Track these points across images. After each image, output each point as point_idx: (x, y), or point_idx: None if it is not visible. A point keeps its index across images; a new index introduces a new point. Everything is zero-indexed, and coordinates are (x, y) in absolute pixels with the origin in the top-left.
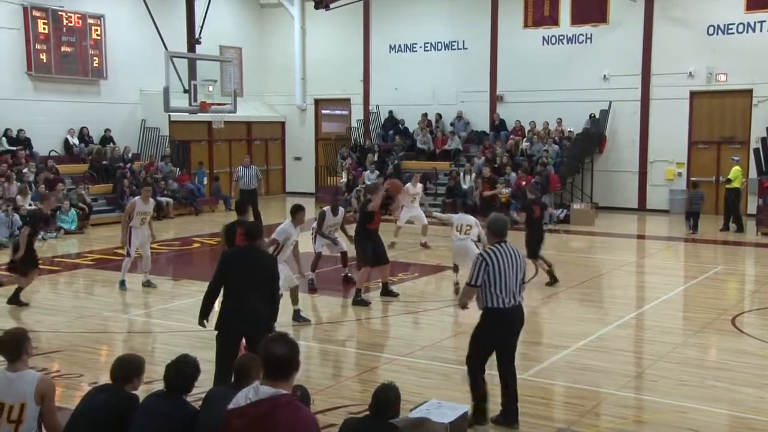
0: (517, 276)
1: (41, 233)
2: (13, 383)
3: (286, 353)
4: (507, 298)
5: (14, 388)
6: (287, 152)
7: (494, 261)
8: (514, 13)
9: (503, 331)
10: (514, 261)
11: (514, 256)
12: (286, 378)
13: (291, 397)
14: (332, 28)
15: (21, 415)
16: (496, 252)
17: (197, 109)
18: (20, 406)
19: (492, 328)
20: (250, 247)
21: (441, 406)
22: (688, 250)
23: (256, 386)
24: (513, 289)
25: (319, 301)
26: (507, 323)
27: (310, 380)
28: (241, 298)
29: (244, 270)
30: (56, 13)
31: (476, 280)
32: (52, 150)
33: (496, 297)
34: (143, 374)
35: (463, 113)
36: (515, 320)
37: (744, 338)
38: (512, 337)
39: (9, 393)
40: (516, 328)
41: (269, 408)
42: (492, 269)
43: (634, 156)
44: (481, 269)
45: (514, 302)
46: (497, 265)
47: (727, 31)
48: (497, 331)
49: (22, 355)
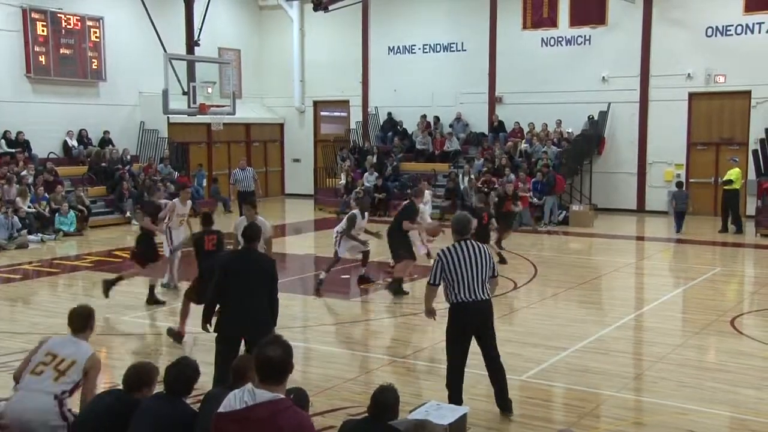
0: (479, 271)
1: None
2: (73, 345)
3: (280, 356)
4: (468, 293)
5: (71, 348)
6: (286, 154)
7: (451, 259)
8: (513, 15)
9: (467, 325)
10: (475, 257)
11: (475, 252)
12: (281, 381)
13: (289, 401)
14: (331, 29)
15: (67, 370)
16: (454, 250)
17: (196, 111)
18: (70, 363)
19: (457, 322)
20: (248, 249)
21: (440, 408)
22: (687, 252)
23: (251, 389)
24: (474, 284)
25: (319, 303)
26: (470, 317)
27: (309, 382)
28: (241, 301)
29: (242, 273)
30: (55, 15)
31: (434, 279)
32: (51, 152)
33: (457, 293)
34: (155, 384)
35: (462, 115)
36: (479, 314)
37: (743, 340)
38: (483, 331)
39: (66, 349)
40: (482, 321)
41: (269, 413)
42: (449, 267)
43: (633, 157)
44: (438, 268)
45: (477, 297)
46: (455, 263)
47: (725, 33)
48: (461, 326)
49: (87, 329)
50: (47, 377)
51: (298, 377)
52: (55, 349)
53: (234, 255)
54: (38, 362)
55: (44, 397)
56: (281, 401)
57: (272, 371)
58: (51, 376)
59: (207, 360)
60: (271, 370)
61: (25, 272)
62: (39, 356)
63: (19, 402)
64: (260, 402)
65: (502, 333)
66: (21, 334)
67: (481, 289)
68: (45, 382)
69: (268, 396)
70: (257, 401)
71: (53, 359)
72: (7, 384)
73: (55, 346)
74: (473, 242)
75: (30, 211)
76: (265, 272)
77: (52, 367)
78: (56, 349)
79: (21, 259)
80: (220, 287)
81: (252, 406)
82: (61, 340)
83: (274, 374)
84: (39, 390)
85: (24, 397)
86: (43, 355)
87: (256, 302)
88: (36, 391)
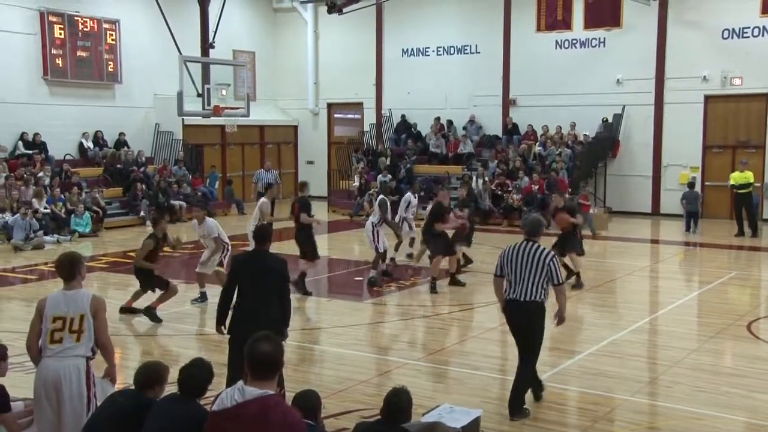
0: (530, 273)
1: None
2: (71, 298)
3: (269, 352)
4: (514, 291)
5: (72, 303)
6: (300, 156)
7: (509, 255)
8: (527, 17)
9: (510, 322)
10: (530, 259)
11: (532, 254)
12: (272, 377)
13: (277, 397)
14: (345, 32)
15: (81, 325)
16: (515, 248)
17: (210, 113)
18: (80, 317)
19: (507, 317)
20: (260, 250)
21: (453, 411)
22: (702, 255)
23: (241, 387)
24: (521, 285)
25: (331, 304)
26: (512, 315)
27: (322, 384)
28: (252, 302)
29: (254, 274)
30: (72, 18)
31: (497, 270)
32: (67, 154)
33: (508, 289)
34: (166, 383)
35: (475, 117)
36: (521, 313)
37: (760, 344)
38: (518, 330)
39: (69, 306)
40: (523, 321)
41: (260, 409)
42: (506, 262)
43: (648, 160)
44: (499, 262)
45: (521, 297)
46: (510, 260)
47: (742, 35)
48: (508, 321)
49: (76, 275)
50: (69, 342)
51: (312, 379)
52: (58, 311)
53: (245, 256)
54: (50, 330)
55: (75, 360)
56: (270, 397)
57: (262, 367)
58: (72, 339)
59: (221, 361)
60: (261, 367)
61: (41, 273)
62: (47, 324)
63: (50, 367)
64: (249, 399)
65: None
66: None
67: (528, 291)
68: (69, 347)
69: (257, 393)
70: (246, 398)
71: (63, 323)
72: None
73: (55, 308)
74: (537, 245)
75: (46, 212)
76: (276, 273)
77: (67, 331)
78: (58, 311)
79: (37, 259)
80: (232, 288)
81: (242, 403)
82: (56, 299)
83: (263, 370)
84: (68, 355)
85: (54, 362)
86: (50, 322)
87: (268, 303)
88: (65, 356)
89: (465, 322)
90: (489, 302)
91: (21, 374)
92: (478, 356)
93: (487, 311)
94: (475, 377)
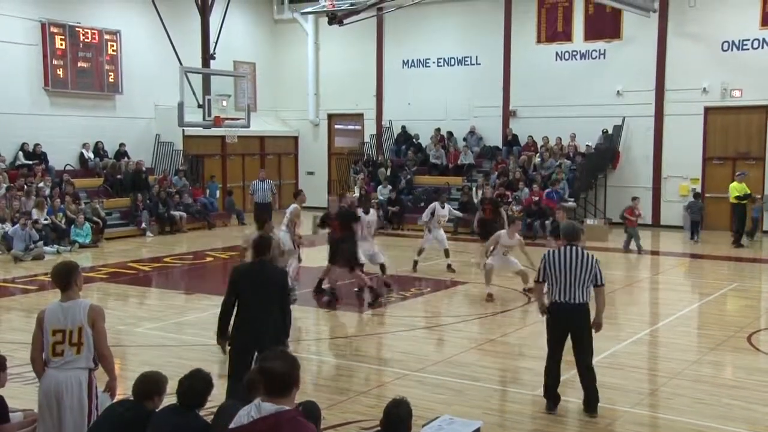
0: (577, 276)
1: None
2: (68, 310)
3: (285, 370)
4: (563, 295)
5: (70, 315)
6: (300, 167)
7: (553, 260)
8: (528, 29)
9: (559, 324)
10: (575, 262)
11: (577, 258)
12: (288, 394)
13: (294, 412)
14: (346, 43)
15: (80, 337)
16: (558, 253)
17: (211, 123)
18: (78, 330)
19: (552, 320)
20: (260, 261)
21: (453, 422)
22: (703, 267)
23: (258, 403)
24: (570, 288)
25: (332, 315)
26: (563, 317)
27: (322, 395)
28: (252, 314)
29: (253, 285)
30: (73, 29)
31: (540, 276)
32: (67, 164)
33: (554, 293)
34: (164, 393)
35: (476, 128)
36: (572, 315)
37: (760, 356)
38: (576, 333)
39: (67, 319)
40: (576, 323)
41: (273, 425)
42: (551, 267)
43: (648, 172)
44: (542, 267)
45: (571, 300)
46: (556, 265)
47: (742, 47)
48: (555, 324)
49: (72, 285)
50: (70, 355)
51: (311, 390)
52: (57, 324)
53: (245, 267)
54: (51, 343)
55: (76, 372)
56: (284, 413)
57: (276, 385)
58: (72, 351)
59: (221, 372)
60: (275, 384)
61: (41, 283)
62: (48, 336)
63: (51, 378)
64: (264, 415)
65: (514, 347)
66: None
67: (576, 293)
68: (70, 359)
69: (272, 409)
70: (262, 415)
71: (63, 336)
72: (23, 394)
73: (54, 321)
74: (578, 249)
75: (46, 223)
76: (277, 284)
77: (68, 344)
78: (57, 324)
79: (37, 270)
80: (232, 299)
81: (257, 420)
82: (53, 311)
83: (278, 388)
84: (70, 367)
85: (56, 372)
86: (50, 335)
87: (268, 315)
88: (67, 368)
89: (465, 333)
90: (489, 313)
91: (20, 385)
92: (478, 367)
93: (488, 322)
94: (476, 388)
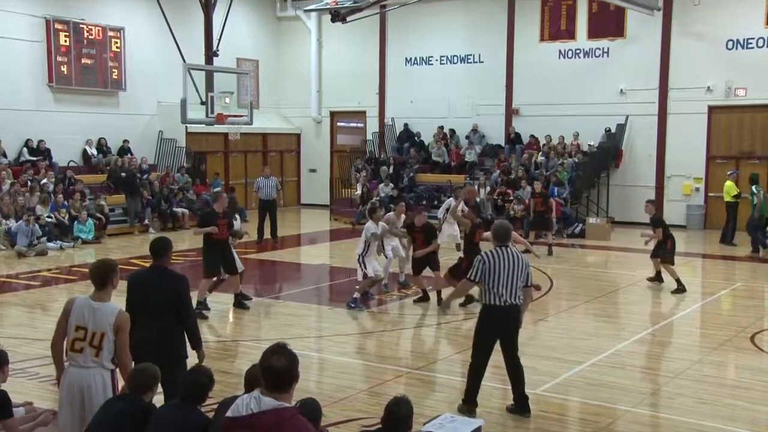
0: (514, 278)
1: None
2: (96, 312)
3: (284, 366)
4: (502, 297)
5: (97, 318)
6: (302, 164)
7: (492, 261)
8: (531, 27)
9: (495, 328)
10: (512, 263)
11: (513, 259)
12: (287, 390)
13: (294, 410)
14: (348, 41)
15: (101, 342)
16: (495, 254)
17: (214, 120)
18: (101, 335)
19: (487, 324)
20: (155, 266)
21: (454, 420)
22: (705, 266)
23: (258, 396)
24: (508, 290)
25: (334, 313)
26: (500, 321)
27: (323, 392)
28: (144, 325)
29: (146, 293)
30: (77, 26)
31: (475, 275)
32: (70, 160)
33: (492, 296)
34: (157, 386)
35: (478, 126)
36: (509, 318)
37: (763, 356)
38: (510, 335)
39: (93, 321)
40: (511, 326)
41: (274, 421)
42: (490, 269)
43: (651, 171)
44: (479, 267)
45: (510, 302)
46: (494, 266)
47: (746, 46)
48: (490, 327)
49: (107, 285)
50: (89, 355)
51: (312, 387)
52: (81, 321)
53: (139, 273)
54: (72, 338)
55: (99, 370)
56: (286, 410)
57: (276, 381)
58: (92, 353)
59: (222, 368)
60: (276, 380)
61: (44, 279)
62: (70, 330)
63: (74, 374)
64: (265, 410)
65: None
66: (39, 340)
67: (513, 294)
68: (90, 359)
69: (273, 404)
70: (262, 409)
71: (85, 334)
72: (24, 389)
73: (79, 317)
74: (511, 249)
75: (49, 220)
76: (172, 292)
77: (88, 344)
78: (82, 320)
79: (40, 266)
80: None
81: (257, 414)
82: (81, 307)
83: (278, 383)
84: (91, 366)
85: (79, 370)
86: (73, 329)
87: (159, 326)
88: (88, 367)
89: (467, 331)
90: None
91: (23, 380)
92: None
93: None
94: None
